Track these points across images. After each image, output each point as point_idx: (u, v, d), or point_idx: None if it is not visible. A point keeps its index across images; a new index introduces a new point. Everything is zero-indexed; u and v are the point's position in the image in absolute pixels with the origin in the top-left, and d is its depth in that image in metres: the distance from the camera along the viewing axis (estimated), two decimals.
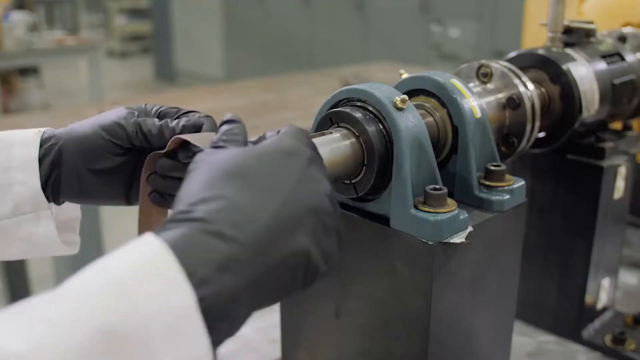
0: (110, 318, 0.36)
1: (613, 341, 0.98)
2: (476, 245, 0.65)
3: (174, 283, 0.38)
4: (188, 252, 0.40)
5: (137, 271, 0.38)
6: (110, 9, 9.38)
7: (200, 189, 0.45)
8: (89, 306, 0.36)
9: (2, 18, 4.25)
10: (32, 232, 0.64)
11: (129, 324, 0.36)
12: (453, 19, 4.48)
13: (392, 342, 0.67)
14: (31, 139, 0.64)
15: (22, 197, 0.63)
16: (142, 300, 0.37)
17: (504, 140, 0.82)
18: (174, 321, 0.38)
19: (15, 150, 0.63)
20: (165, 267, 0.39)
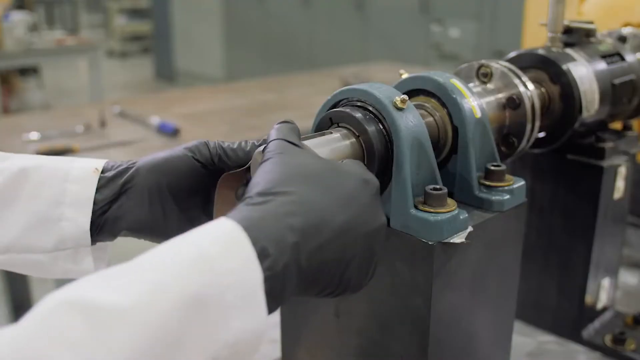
0: (197, 285, 0.41)
1: (613, 341, 0.98)
2: (476, 245, 0.65)
3: (248, 261, 0.44)
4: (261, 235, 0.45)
5: (218, 247, 0.44)
6: (110, 9, 9.37)
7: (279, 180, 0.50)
8: (181, 274, 0.42)
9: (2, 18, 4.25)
10: (68, 268, 0.64)
11: (210, 292, 0.42)
12: (453, 19, 4.48)
13: (392, 342, 0.67)
14: (89, 176, 0.62)
15: (67, 234, 0.62)
16: (223, 273, 0.43)
17: (504, 140, 0.82)
18: (244, 294, 0.43)
19: (70, 186, 0.62)
20: (242, 246, 0.44)
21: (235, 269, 0.43)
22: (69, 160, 0.64)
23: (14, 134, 2.29)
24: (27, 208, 0.61)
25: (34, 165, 0.62)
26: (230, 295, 0.42)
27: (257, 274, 0.44)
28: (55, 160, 0.64)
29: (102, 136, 2.28)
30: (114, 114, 2.50)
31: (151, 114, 2.42)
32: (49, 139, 2.19)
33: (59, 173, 0.62)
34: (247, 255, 0.44)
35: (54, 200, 0.61)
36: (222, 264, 0.43)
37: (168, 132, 2.28)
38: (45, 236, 0.62)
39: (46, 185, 0.62)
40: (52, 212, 0.61)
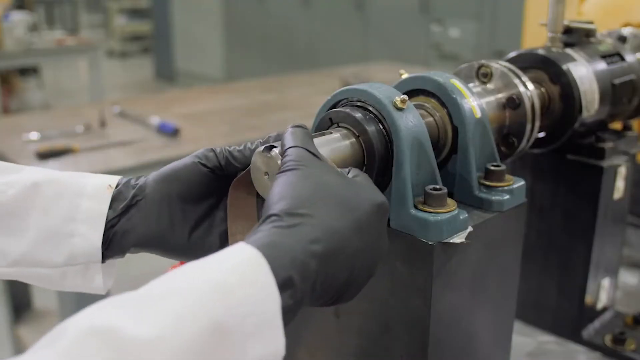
0: (218, 314, 0.42)
1: (613, 341, 0.98)
2: (476, 245, 0.65)
3: (267, 289, 0.44)
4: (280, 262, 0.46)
5: (238, 275, 0.44)
6: (110, 9, 9.37)
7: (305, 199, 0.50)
8: (203, 303, 0.42)
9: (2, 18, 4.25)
10: (77, 283, 0.64)
11: (231, 320, 0.42)
12: (453, 19, 4.47)
13: (392, 342, 0.67)
14: (102, 192, 0.62)
15: (78, 250, 0.61)
16: (243, 301, 0.43)
17: (504, 140, 0.82)
18: (263, 321, 0.44)
19: (83, 202, 0.61)
20: (260, 273, 0.44)
21: (255, 297, 0.44)
22: (82, 175, 0.64)
23: (14, 134, 2.29)
24: (38, 222, 0.61)
25: (47, 180, 0.62)
26: (249, 323, 0.43)
27: (275, 300, 0.44)
28: (68, 175, 0.64)
29: (102, 136, 2.28)
30: (114, 114, 2.50)
31: (151, 114, 2.42)
32: (49, 139, 2.19)
33: (73, 188, 0.62)
34: (266, 284, 0.44)
35: (67, 215, 0.61)
36: (242, 292, 0.43)
37: (168, 132, 2.28)
38: (56, 251, 0.61)
39: (59, 201, 0.61)
40: (64, 228, 0.61)
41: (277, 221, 0.48)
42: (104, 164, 1.99)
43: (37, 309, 2.62)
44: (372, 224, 0.53)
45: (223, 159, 0.64)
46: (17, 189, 0.61)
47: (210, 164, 0.63)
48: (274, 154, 0.58)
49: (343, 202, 0.52)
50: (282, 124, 2.49)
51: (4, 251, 0.61)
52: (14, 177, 0.62)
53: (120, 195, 0.63)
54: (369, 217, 0.53)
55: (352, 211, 0.52)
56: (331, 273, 0.49)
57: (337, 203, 0.51)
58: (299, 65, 5.43)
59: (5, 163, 0.64)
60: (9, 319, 2.55)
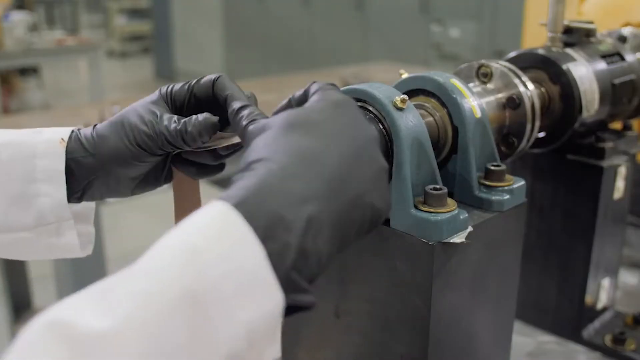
0: (186, 283, 0.37)
1: (613, 341, 0.98)
2: (476, 245, 0.65)
3: (243, 241, 0.39)
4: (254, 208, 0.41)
5: (207, 235, 0.39)
6: (110, 9, 9.38)
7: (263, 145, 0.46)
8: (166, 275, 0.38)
9: (2, 18, 4.25)
10: (52, 243, 0.64)
11: (203, 286, 0.37)
12: (453, 19, 4.48)
13: (392, 342, 0.67)
14: (56, 150, 0.62)
15: (46, 208, 0.62)
16: (213, 262, 0.38)
17: (504, 140, 0.82)
18: (245, 279, 0.39)
19: (39, 162, 0.62)
20: (232, 226, 0.40)
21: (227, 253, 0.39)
22: (36, 132, 0.64)
23: None
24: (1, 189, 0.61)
25: (2, 144, 0.62)
26: (227, 284, 0.38)
27: (255, 252, 0.39)
28: (22, 135, 0.64)
29: None
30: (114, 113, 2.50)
31: None
32: None
33: (27, 149, 0.62)
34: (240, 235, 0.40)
35: (27, 177, 0.62)
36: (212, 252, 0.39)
37: None
38: (25, 213, 0.62)
39: (16, 164, 0.62)
40: (27, 190, 0.62)
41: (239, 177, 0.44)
42: None
43: (37, 308, 2.61)
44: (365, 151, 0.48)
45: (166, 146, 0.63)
46: None
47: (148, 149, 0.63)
48: None
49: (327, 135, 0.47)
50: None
51: None
52: None
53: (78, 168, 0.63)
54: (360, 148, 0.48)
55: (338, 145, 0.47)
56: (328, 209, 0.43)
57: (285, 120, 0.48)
58: (299, 65, 5.43)
59: None
60: (9, 318, 2.55)
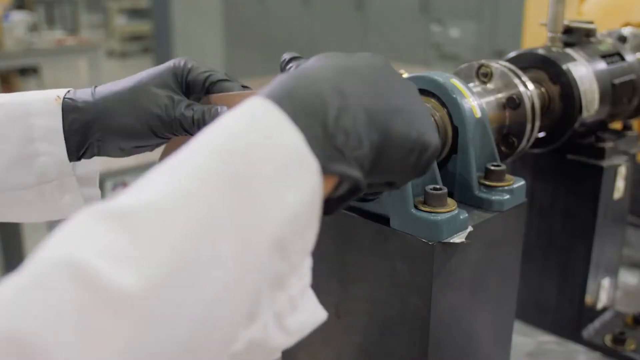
0: (230, 165, 0.38)
1: (613, 341, 0.98)
2: (476, 245, 0.65)
3: (279, 126, 0.41)
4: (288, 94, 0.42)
5: (244, 122, 0.41)
6: (110, 9, 9.37)
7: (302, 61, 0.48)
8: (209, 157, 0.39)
9: (2, 18, 4.25)
10: (56, 201, 0.63)
11: (248, 167, 0.39)
12: (453, 19, 4.47)
13: (392, 342, 0.67)
14: (52, 108, 0.61)
15: (47, 167, 0.62)
16: (255, 146, 0.39)
17: (504, 140, 0.82)
18: (285, 161, 0.40)
19: (36, 121, 0.61)
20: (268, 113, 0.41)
21: (267, 138, 0.40)
22: (31, 93, 0.64)
23: None
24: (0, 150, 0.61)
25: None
26: (269, 166, 0.39)
27: (292, 136, 0.41)
28: (16, 96, 0.63)
29: None
30: None
31: None
32: None
33: (22, 109, 0.62)
34: (276, 122, 0.41)
35: (24, 137, 0.61)
36: (252, 137, 0.40)
37: None
38: (26, 173, 0.61)
39: (13, 124, 0.61)
40: (26, 150, 0.61)
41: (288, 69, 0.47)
42: (103, 164, 1.98)
43: None
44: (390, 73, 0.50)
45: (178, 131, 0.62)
46: None
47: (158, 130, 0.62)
48: None
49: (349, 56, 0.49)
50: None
51: None
52: None
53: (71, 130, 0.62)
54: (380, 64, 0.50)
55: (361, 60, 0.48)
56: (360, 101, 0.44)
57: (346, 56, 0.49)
58: None
59: None
60: None
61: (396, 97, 0.48)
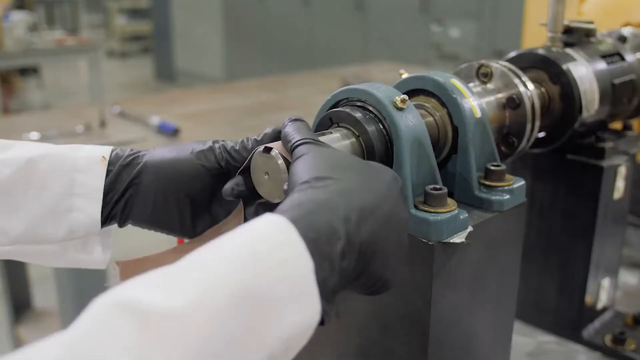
0: (248, 280, 0.41)
1: (613, 341, 0.98)
2: (476, 245, 0.65)
3: (297, 252, 0.44)
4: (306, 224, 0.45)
5: (266, 242, 0.43)
6: (110, 9, 9.37)
7: (323, 168, 0.51)
8: (231, 271, 0.41)
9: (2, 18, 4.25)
10: (78, 257, 0.64)
11: (263, 285, 0.41)
12: (453, 19, 4.48)
13: (392, 342, 0.67)
14: (97, 166, 0.62)
15: (78, 224, 0.62)
16: (271, 267, 0.42)
17: (504, 140, 0.82)
18: (296, 284, 0.43)
19: (78, 177, 0.62)
20: (290, 239, 0.44)
21: (284, 261, 0.43)
22: (75, 148, 0.64)
23: (14, 134, 2.28)
24: (36, 200, 0.61)
25: (41, 155, 0.62)
26: (281, 288, 0.42)
27: (307, 264, 0.44)
28: (61, 149, 0.64)
29: (102, 136, 2.28)
30: (114, 114, 2.50)
31: (151, 114, 2.42)
32: (49, 139, 2.19)
33: (67, 162, 0.62)
34: (295, 247, 0.44)
35: (64, 191, 0.61)
36: (272, 257, 0.42)
37: (168, 132, 2.28)
38: (56, 227, 0.62)
39: (55, 176, 0.62)
40: (62, 203, 0.61)
41: (306, 187, 0.49)
42: None
43: (37, 309, 2.62)
44: (393, 192, 0.53)
45: (222, 160, 0.64)
46: (12, 168, 0.61)
47: (209, 164, 0.64)
48: (274, 154, 0.58)
49: (363, 171, 0.52)
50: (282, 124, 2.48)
51: (4, 230, 0.61)
52: (8, 154, 0.62)
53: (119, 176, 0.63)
54: (390, 185, 0.53)
55: (374, 179, 0.52)
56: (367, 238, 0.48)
57: (357, 172, 0.52)
58: (299, 65, 5.43)
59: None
60: (9, 319, 2.55)
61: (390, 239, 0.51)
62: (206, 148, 0.65)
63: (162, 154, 0.64)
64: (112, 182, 0.63)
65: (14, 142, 0.64)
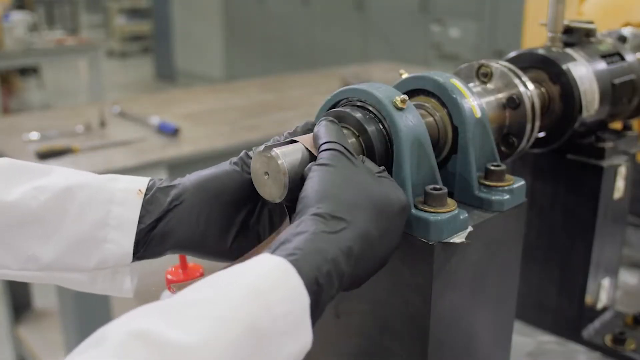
0: (255, 317, 0.44)
1: (613, 341, 0.98)
2: (476, 245, 0.65)
3: (297, 290, 0.47)
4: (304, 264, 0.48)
5: (268, 280, 0.47)
6: (110, 9, 9.38)
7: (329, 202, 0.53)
8: (239, 307, 0.44)
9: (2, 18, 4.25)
10: (106, 287, 0.64)
11: (267, 322, 0.45)
12: (453, 19, 4.48)
13: (392, 342, 0.67)
14: (133, 198, 0.62)
15: (110, 256, 0.62)
16: (274, 304, 0.46)
17: (504, 140, 0.82)
18: (294, 320, 0.47)
19: (115, 208, 0.61)
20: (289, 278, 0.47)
21: (287, 298, 0.47)
22: (112, 179, 0.64)
23: (14, 134, 2.29)
24: (70, 229, 0.61)
25: (78, 184, 0.62)
26: (283, 323, 0.46)
27: (305, 301, 0.48)
28: (99, 179, 0.63)
29: (102, 136, 2.28)
30: (114, 114, 2.50)
31: (151, 114, 2.42)
32: (49, 139, 2.19)
33: (104, 194, 0.62)
34: (296, 286, 0.47)
35: (99, 222, 0.61)
36: (275, 295, 0.46)
37: (168, 132, 2.28)
38: (87, 256, 0.61)
39: (91, 207, 0.61)
40: (96, 234, 0.61)
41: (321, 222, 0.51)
42: (104, 164, 1.99)
43: (37, 309, 2.62)
44: (397, 226, 0.58)
45: None
46: (48, 195, 0.60)
47: (248, 168, 0.63)
48: (274, 154, 0.58)
49: (377, 206, 0.55)
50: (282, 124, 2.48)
51: (35, 256, 0.61)
52: (45, 181, 0.61)
53: (156, 200, 0.62)
54: (396, 220, 0.57)
55: (384, 216, 0.56)
56: (356, 272, 0.53)
57: (373, 207, 0.55)
58: (299, 65, 5.43)
59: (34, 164, 0.63)
60: (9, 319, 2.55)
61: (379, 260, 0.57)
62: (242, 155, 0.65)
63: (199, 173, 0.64)
64: (150, 205, 0.62)
65: (52, 168, 0.63)
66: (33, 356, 2.36)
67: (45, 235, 0.61)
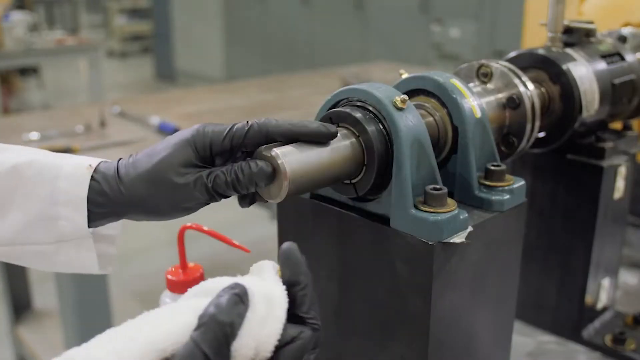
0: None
1: (613, 341, 0.98)
2: (476, 245, 0.65)
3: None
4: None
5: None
6: (110, 9, 9.38)
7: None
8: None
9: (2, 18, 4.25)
10: (72, 257, 0.63)
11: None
12: (453, 19, 4.48)
13: (392, 342, 0.67)
14: (81, 173, 0.61)
15: (66, 232, 0.61)
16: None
17: (504, 140, 0.82)
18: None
19: (62, 184, 0.60)
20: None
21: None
22: (62, 156, 0.63)
23: (14, 134, 2.28)
24: (23, 207, 0.61)
25: (27, 162, 0.61)
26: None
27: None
28: (48, 156, 0.63)
29: (102, 136, 2.28)
30: (114, 114, 2.50)
31: (151, 114, 2.42)
32: (49, 139, 2.19)
33: (52, 170, 0.61)
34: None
35: (48, 199, 0.61)
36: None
37: (168, 132, 2.28)
38: (46, 232, 0.61)
39: (39, 184, 0.61)
40: (48, 211, 0.61)
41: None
42: None
43: (37, 309, 2.61)
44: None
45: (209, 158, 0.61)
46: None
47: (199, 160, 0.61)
48: (274, 154, 0.58)
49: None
50: None
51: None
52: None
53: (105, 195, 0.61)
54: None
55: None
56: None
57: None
58: (298, 65, 5.43)
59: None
60: (9, 319, 2.55)
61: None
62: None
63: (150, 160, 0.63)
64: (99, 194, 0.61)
65: (7, 147, 0.63)
66: (33, 356, 2.36)
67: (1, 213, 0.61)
